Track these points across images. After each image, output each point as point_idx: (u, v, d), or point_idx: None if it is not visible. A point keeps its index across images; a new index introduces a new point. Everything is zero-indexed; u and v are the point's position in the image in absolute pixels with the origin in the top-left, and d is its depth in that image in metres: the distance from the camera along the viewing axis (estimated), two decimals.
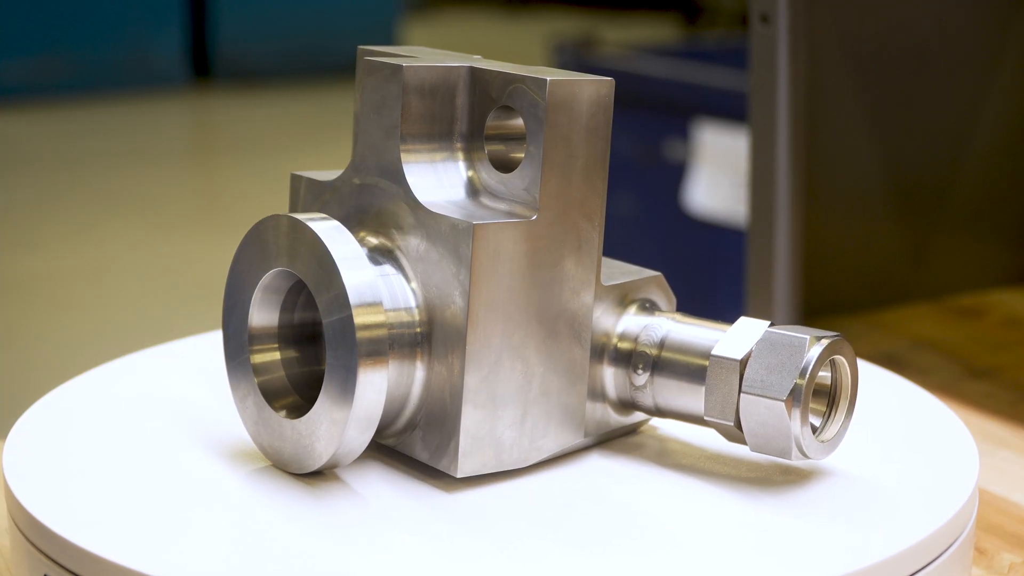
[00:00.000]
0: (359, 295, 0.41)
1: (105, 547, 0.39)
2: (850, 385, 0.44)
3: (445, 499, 0.43)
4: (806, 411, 0.43)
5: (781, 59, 0.68)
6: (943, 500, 0.43)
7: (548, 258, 0.43)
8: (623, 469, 0.46)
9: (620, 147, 1.67)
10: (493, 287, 0.42)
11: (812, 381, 0.43)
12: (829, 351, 0.43)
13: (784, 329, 0.43)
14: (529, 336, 0.43)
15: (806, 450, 0.43)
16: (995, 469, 0.56)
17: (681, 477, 0.45)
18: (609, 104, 0.44)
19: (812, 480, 0.45)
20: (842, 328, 0.72)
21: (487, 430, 0.43)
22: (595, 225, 0.44)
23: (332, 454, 0.42)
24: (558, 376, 0.44)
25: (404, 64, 0.44)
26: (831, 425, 0.44)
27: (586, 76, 0.43)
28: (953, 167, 0.77)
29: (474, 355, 0.42)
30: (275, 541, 0.40)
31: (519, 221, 0.42)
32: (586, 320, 0.44)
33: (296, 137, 3.05)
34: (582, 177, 0.43)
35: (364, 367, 0.41)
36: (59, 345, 1.82)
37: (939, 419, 0.50)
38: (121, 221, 2.38)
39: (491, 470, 0.43)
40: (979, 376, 0.67)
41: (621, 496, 0.44)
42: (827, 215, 0.73)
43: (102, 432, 0.47)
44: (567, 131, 0.43)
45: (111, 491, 0.43)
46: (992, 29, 0.76)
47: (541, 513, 0.42)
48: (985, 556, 0.49)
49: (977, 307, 0.77)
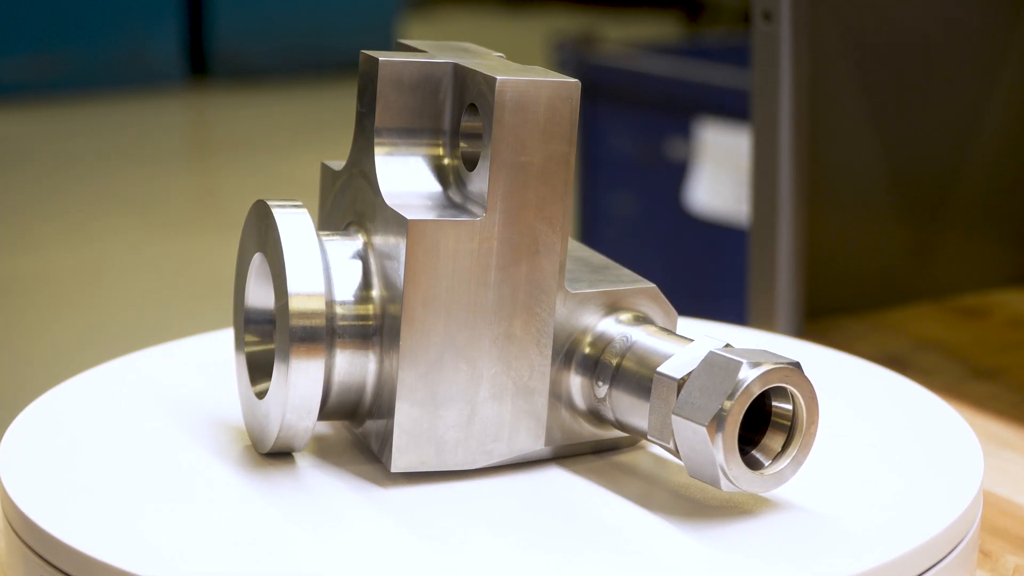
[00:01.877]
0: (298, 283, 0.42)
1: (101, 549, 0.39)
2: (804, 418, 0.42)
3: (383, 493, 0.43)
4: (732, 438, 0.40)
5: (784, 57, 0.68)
6: (947, 502, 0.43)
7: (499, 259, 0.43)
8: (602, 477, 0.45)
9: (621, 146, 1.67)
10: (432, 284, 0.42)
11: (741, 407, 0.40)
12: (768, 378, 0.40)
13: (730, 352, 0.41)
14: (477, 337, 0.43)
15: (735, 480, 0.41)
16: (1000, 471, 0.55)
17: (678, 483, 0.45)
18: (571, 107, 0.43)
19: (813, 481, 0.45)
20: (845, 328, 0.72)
21: (425, 428, 0.43)
22: (556, 229, 0.43)
23: (276, 436, 0.43)
24: (513, 380, 0.44)
25: (381, 57, 0.44)
26: (782, 459, 0.42)
27: (550, 77, 0.43)
28: (957, 166, 0.77)
29: (409, 352, 0.42)
30: (272, 542, 0.40)
31: (464, 220, 0.42)
32: (546, 326, 0.44)
33: (294, 135, 3.05)
34: (540, 180, 0.43)
35: (296, 354, 0.42)
36: (56, 345, 1.82)
37: (943, 420, 0.50)
38: (118, 220, 2.38)
39: (431, 468, 0.43)
40: (983, 377, 0.66)
41: (594, 503, 0.43)
42: (830, 214, 0.72)
43: (98, 433, 0.47)
44: (520, 132, 0.42)
45: (108, 493, 0.43)
46: (997, 27, 0.76)
47: (484, 513, 0.42)
48: (989, 559, 0.48)
49: (981, 307, 0.77)
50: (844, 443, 0.48)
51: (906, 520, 0.42)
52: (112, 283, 2.06)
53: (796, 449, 0.42)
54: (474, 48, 0.48)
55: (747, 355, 0.41)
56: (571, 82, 0.43)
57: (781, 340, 0.59)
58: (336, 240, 0.45)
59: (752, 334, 0.58)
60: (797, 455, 0.42)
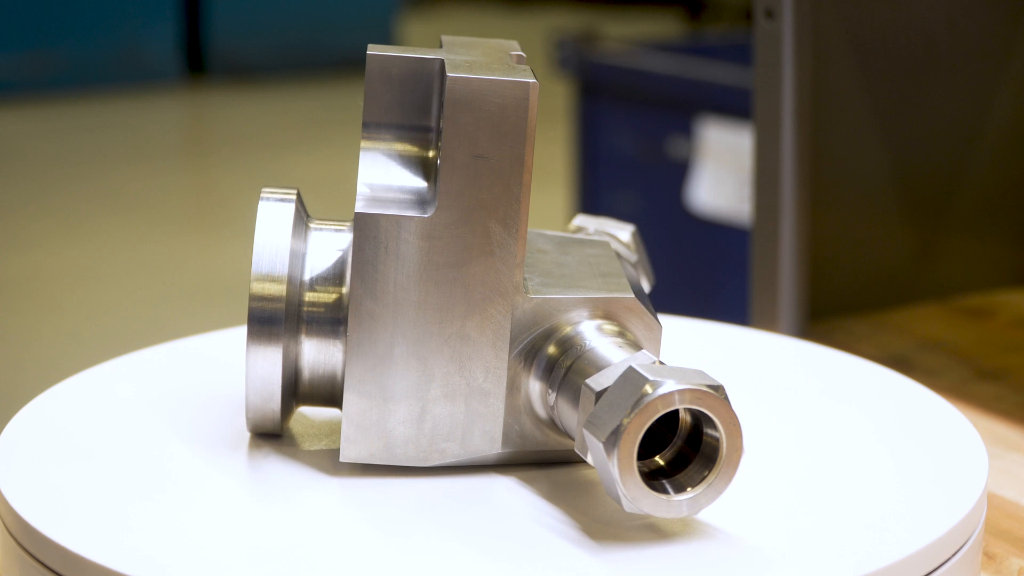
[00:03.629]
0: (260, 267, 0.43)
1: (97, 552, 0.39)
2: (724, 445, 0.40)
3: (333, 482, 0.44)
4: (628, 456, 0.39)
5: (786, 55, 0.68)
6: (951, 504, 0.43)
7: (451, 258, 0.43)
8: (558, 489, 0.44)
9: (622, 144, 1.67)
10: (380, 279, 0.42)
11: (639, 424, 0.39)
12: (672, 399, 0.39)
13: (648, 369, 0.40)
14: (428, 334, 0.43)
15: (633, 501, 0.39)
16: (1004, 472, 0.55)
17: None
18: (527, 107, 0.42)
19: (815, 483, 0.45)
20: (848, 328, 0.72)
21: (374, 421, 0.43)
22: (511, 231, 0.43)
23: (247, 418, 0.44)
24: (467, 381, 0.43)
25: (370, 51, 0.44)
26: (700, 486, 0.40)
27: (508, 76, 0.42)
28: (961, 165, 0.76)
29: (357, 344, 0.43)
30: (268, 542, 0.40)
31: (412, 216, 0.42)
32: (502, 329, 0.43)
33: (292, 134, 3.05)
34: (494, 180, 0.42)
35: (252, 336, 0.43)
36: (51, 345, 1.81)
37: (947, 421, 0.50)
38: (114, 219, 2.37)
39: (381, 462, 0.44)
40: (988, 378, 0.66)
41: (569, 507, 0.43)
42: (833, 213, 0.72)
43: (95, 435, 0.46)
44: (472, 130, 0.42)
45: (104, 495, 0.42)
46: (1001, 24, 0.76)
47: (411, 508, 0.42)
48: (994, 561, 0.48)
49: (986, 307, 0.77)
50: (847, 444, 0.48)
51: (910, 522, 0.42)
52: (107, 282, 2.06)
53: (715, 477, 0.40)
54: (497, 46, 0.47)
55: (663, 373, 0.39)
56: (527, 82, 0.42)
57: (784, 340, 0.59)
58: (325, 232, 0.45)
59: (754, 334, 0.58)
60: (715, 483, 0.40)
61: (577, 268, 0.47)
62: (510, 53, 0.46)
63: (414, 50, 0.45)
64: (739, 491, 0.44)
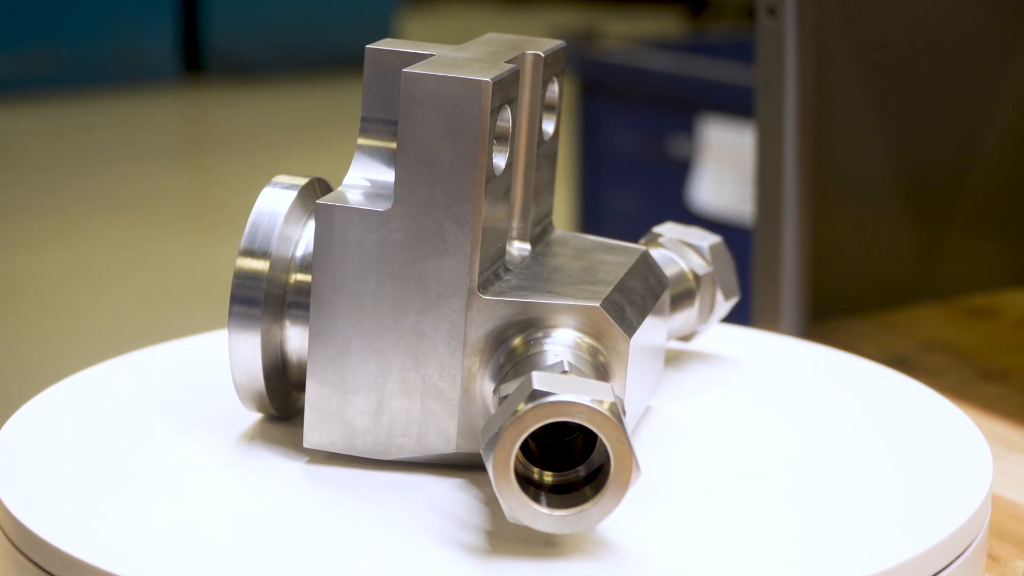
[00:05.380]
0: (246, 248, 0.44)
1: (94, 554, 0.39)
2: (613, 463, 0.38)
3: (300, 468, 0.44)
4: (503, 465, 0.38)
5: (789, 53, 0.68)
6: (955, 506, 0.43)
7: (404, 254, 0.43)
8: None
9: (623, 143, 1.67)
10: (340, 270, 0.43)
11: (514, 434, 0.38)
12: (543, 412, 0.38)
13: (545, 379, 0.39)
14: (384, 329, 0.43)
15: (512, 511, 0.38)
16: (1009, 474, 0.55)
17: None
18: (478, 106, 0.42)
19: (816, 484, 0.44)
20: (850, 329, 0.72)
21: (335, 410, 0.44)
22: (465, 230, 0.43)
23: (240, 397, 0.45)
24: (422, 378, 0.43)
25: (368, 46, 0.44)
26: (588, 503, 0.39)
27: (463, 74, 0.42)
28: (965, 164, 0.76)
29: (318, 333, 0.43)
30: (267, 544, 0.40)
31: (369, 210, 0.43)
32: (456, 328, 0.43)
33: (290, 133, 3.05)
34: (447, 178, 0.42)
35: (233, 316, 0.44)
36: (48, 346, 1.81)
37: (951, 422, 0.49)
38: (110, 219, 2.37)
39: (341, 451, 0.44)
40: (992, 378, 0.66)
41: None
42: (835, 213, 0.72)
43: (92, 436, 0.46)
44: (424, 127, 0.42)
45: (101, 497, 0.42)
46: (1006, 23, 0.76)
47: (357, 501, 0.42)
48: (998, 563, 0.48)
49: (989, 308, 0.76)
50: (848, 446, 0.48)
51: (913, 524, 0.42)
52: (104, 282, 2.06)
53: (602, 496, 0.39)
54: (513, 43, 0.47)
55: (557, 385, 0.38)
56: (480, 80, 0.42)
57: (785, 341, 0.59)
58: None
59: (755, 335, 0.58)
60: (602, 502, 0.39)
61: (568, 273, 0.46)
62: (525, 52, 0.46)
63: (414, 45, 0.45)
64: (739, 491, 0.44)
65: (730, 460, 0.46)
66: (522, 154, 0.47)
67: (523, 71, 0.46)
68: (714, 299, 0.52)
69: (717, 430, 0.48)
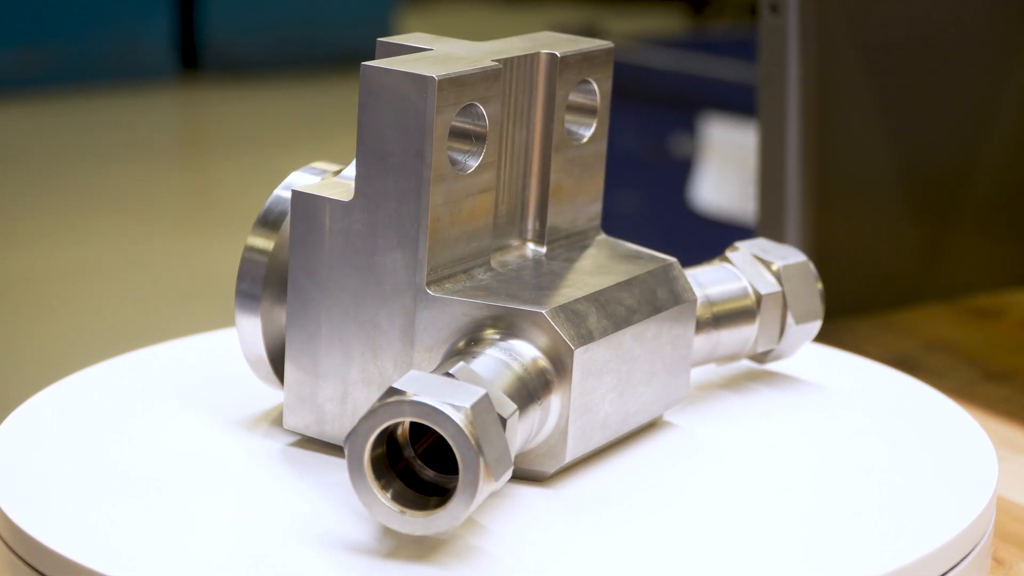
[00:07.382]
0: (262, 218, 0.46)
1: (90, 557, 0.39)
2: (460, 465, 0.38)
3: (300, 468, 0.45)
4: (356, 458, 0.38)
5: (791, 51, 0.68)
6: (960, 507, 0.43)
7: (364, 245, 0.43)
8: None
9: (625, 142, 1.66)
10: (313, 256, 0.44)
11: (367, 429, 0.38)
12: (393, 410, 0.37)
13: (410, 381, 0.38)
14: (348, 318, 0.44)
15: (367, 506, 0.38)
16: (1013, 476, 0.55)
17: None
18: (423, 104, 0.42)
19: (820, 485, 0.44)
20: (854, 329, 0.72)
21: (308, 394, 0.45)
22: (416, 227, 0.43)
23: (254, 372, 0.47)
24: (380, 370, 0.44)
25: (379, 39, 0.45)
26: (439, 509, 0.38)
27: (414, 69, 0.42)
28: (969, 163, 0.76)
29: (294, 316, 0.44)
30: (267, 545, 0.39)
31: (335, 199, 0.43)
32: (408, 323, 0.43)
33: (288, 131, 3.05)
34: (399, 173, 0.43)
35: (239, 293, 0.45)
36: (45, 345, 1.81)
37: (955, 423, 0.49)
38: (107, 217, 2.37)
39: (313, 435, 0.45)
40: (996, 379, 0.66)
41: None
42: (838, 212, 0.72)
43: (89, 437, 0.46)
44: (380, 121, 0.42)
45: (98, 499, 0.42)
46: (1009, 20, 0.76)
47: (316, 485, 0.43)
48: (1003, 566, 0.48)
49: (994, 308, 0.76)
50: (852, 447, 0.47)
51: (917, 526, 0.42)
52: (100, 282, 2.06)
53: (451, 502, 0.38)
54: (542, 41, 0.47)
55: (423, 386, 0.38)
56: (425, 76, 0.42)
57: None
58: None
59: None
60: (451, 507, 0.38)
61: (551, 279, 0.45)
62: (539, 52, 0.46)
63: (430, 40, 0.45)
64: (741, 492, 0.44)
65: (732, 460, 0.46)
66: (537, 156, 0.47)
67: (535, 72, 0.46)
68: (783, 320, 0.50)
69: (717, 429, 0.48)
